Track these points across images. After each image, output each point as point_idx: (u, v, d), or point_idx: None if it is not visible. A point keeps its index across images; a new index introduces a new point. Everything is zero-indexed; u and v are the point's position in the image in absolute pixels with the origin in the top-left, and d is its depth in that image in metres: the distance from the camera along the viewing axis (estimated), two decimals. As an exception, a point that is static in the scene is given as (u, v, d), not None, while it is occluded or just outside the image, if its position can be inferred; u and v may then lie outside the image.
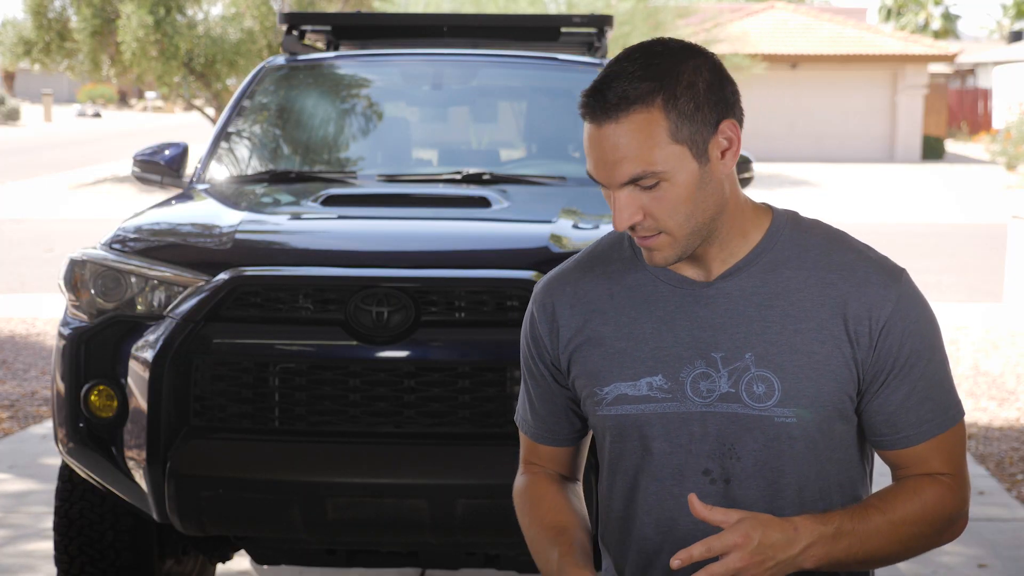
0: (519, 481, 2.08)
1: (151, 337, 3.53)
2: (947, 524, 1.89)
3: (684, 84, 1.79)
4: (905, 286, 1.89)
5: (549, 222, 3.89)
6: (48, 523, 5.09)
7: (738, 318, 1.87)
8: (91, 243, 3.98)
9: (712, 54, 1.85)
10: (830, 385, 1.86)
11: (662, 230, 1.82)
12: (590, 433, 2.10)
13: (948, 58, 32.76)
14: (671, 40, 1.84)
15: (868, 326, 1.85)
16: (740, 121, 1.85)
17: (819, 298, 1.87)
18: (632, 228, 1.82)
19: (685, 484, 1.90)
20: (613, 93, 1.77)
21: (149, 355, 3.48)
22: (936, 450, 1.90)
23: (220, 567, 4.67)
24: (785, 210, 1.96)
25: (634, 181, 1.79)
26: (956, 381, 7.81)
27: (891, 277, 1.89)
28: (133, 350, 3.57)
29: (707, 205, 1.83)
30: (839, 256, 1.89)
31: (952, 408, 1.91)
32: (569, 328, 1.96)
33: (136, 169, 5.11)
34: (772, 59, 30.81)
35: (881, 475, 2.20)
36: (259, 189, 4.62)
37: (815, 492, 1.90)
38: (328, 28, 5.97)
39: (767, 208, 1.94)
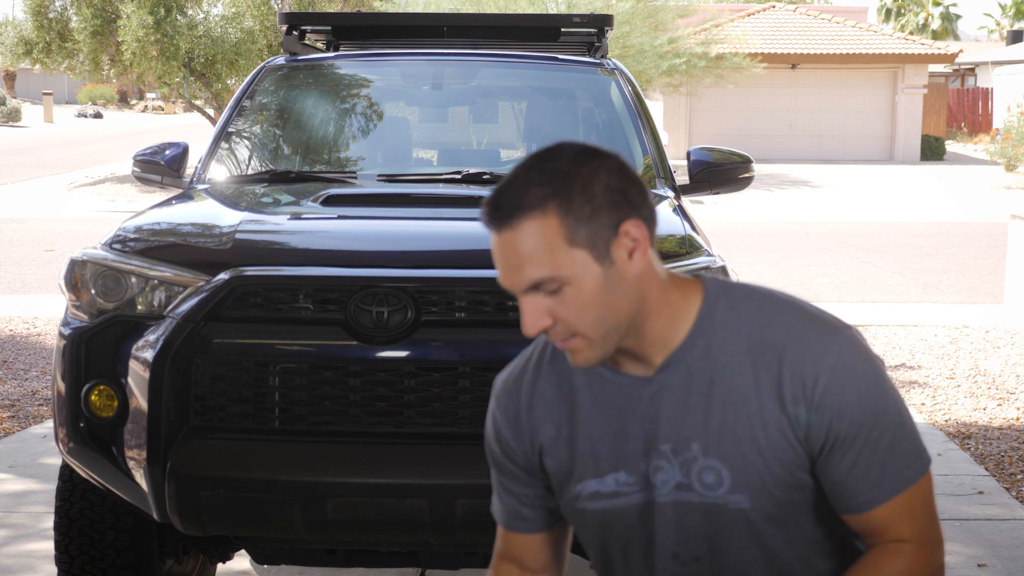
0: None
1: (151, 337, 3.53)
2: None
3: (579, 187, 1.77)
4: (843, 352, 1.85)
5: (549, 222, 3.89)
6: (48, 523, 5.09)
7: (680, 410, 1.88)
8: (91, 243, 3.98)
9: (616, 156, 1.82)
10: (777, 467, 1.86)
11: (575, 333, 1.81)
12: (568, 525, 2.12)
13: (948, 58, 32.75)
14: (571, 144, 1.82)
15: (805, 401, 1.84)
16: (649, 221, 1.82)
17: (756, 382, 1.85)
18: (546, 332, 1.82)
19: (657, 568, 1.94)
20: (507, 200, 1.78)
21: (149, 355, 3.48)
22: (897, 512, 1.87)
23: (220, 567, 4.67)
24: (716, 283, 1.93)
25: (536, 287, 1.78)
26: (956, 382, 7.88)
27: (826, 346, 1.85)
28: (133, 350, 3.57)
29: (619, 306, 1.81)
30: (772, 334, 1.86)
31: (909, 468, 1.87)
32: (532, 429, 1.99)
33: (136, 169, 5.11)
34: (772, 59, 30.80)
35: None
36: (259, 189, 4.62)
37: (791, 562, 1.92)
38: (328, 28, 5.98)
39: (697, 285, 1.92)
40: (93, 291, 3.71)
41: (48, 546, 4.78)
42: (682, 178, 5.09)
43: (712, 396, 1.86)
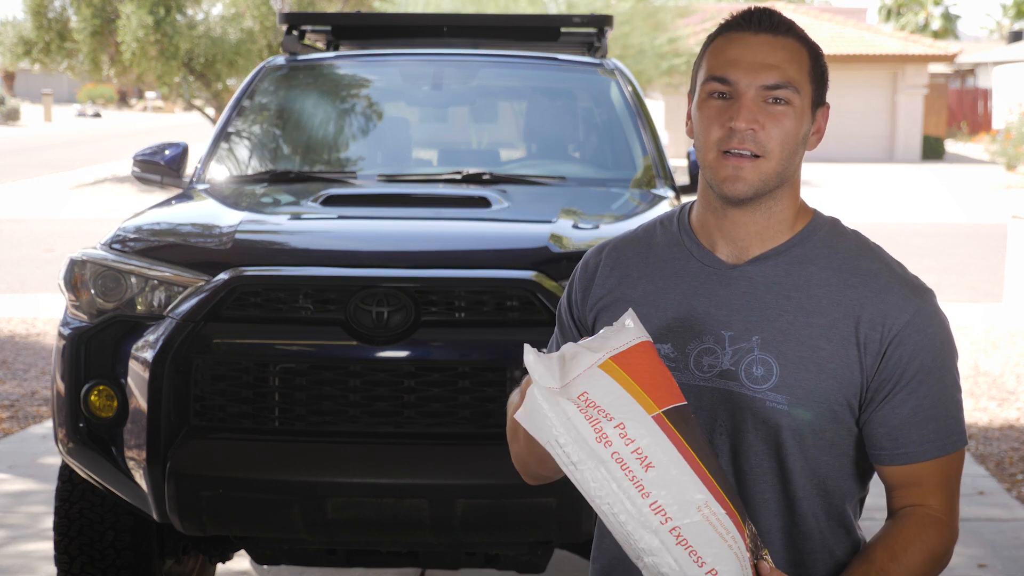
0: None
1: (151, 337, 3.53)
2: (940, 565, 1.92)
3: (820, 53, 1.95)
4: (926, 304, 1.91)
5: (549, 222, 3.89)
6: (47, 523, 5.09)
7: (754, 302, 1.92)
8: (91, 243, 3.98)
9: None
10: (828, 383, 1.88)
11: (763, 153, 1.88)
12: None
13: (948, 58, 32.74)
14: None
15: (880, 333, 1.88)
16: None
17: (836, 298, 1.90)
18: (740, 140, 1.87)
19: None
20: (777, 18, 1.91)
21: (149, 355, 3.48)
22: (934, 474, 1.91)
23: (220, 567, 4.67)
24: (828, 216, 2.02)
25: (773, 88, 1.87)
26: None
27: (913, 292, 1.91)
28: (133, 350, 3.57)
29: (794, 160, 1.91)
30: (866, 263, 1.93)
31: (955, 434, 1.92)
32: (602, 288, 2.04)
33: (136, 169, 5.11)
34: (772, 59, 30.76)
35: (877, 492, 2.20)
36: (259, 189, 4.62)
37: (799, 489, 1.92)
38: (328, 28, 5.97)
39: (812, 209, 2.01)
40: (93, 291, 3.71)
41: (47, 546, 4.77)
42: (682, 178, 5.09)
43: (790, 299, 1.91)
